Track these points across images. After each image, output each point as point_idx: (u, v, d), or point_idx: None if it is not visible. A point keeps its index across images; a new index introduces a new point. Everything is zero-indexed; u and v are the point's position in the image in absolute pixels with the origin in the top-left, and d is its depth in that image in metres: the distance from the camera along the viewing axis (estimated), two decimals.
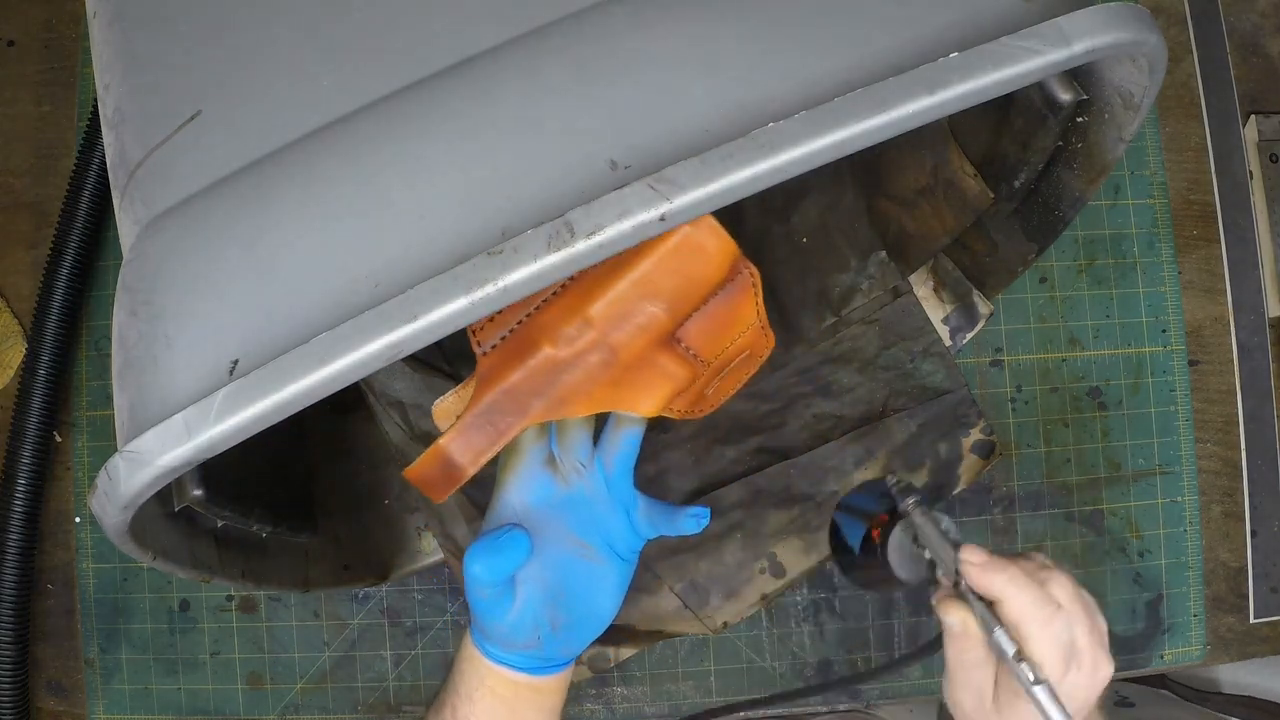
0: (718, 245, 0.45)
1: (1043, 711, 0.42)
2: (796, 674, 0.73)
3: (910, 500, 0.49)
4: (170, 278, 0.38)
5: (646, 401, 0.48)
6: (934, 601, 0.47)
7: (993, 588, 0.44)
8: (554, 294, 0.45)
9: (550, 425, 0.48)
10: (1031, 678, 0.42)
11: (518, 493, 0.48)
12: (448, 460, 0.46)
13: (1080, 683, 0.44)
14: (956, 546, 0.46)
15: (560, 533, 0.48)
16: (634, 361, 0.46)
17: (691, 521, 0.52)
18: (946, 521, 0.48)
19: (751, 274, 0.48)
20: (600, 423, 0.50)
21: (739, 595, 0.67)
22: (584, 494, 0.48)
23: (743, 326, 0.49)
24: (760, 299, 0.49)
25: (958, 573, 0.45)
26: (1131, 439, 0.75)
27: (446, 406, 0.47)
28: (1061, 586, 0.44)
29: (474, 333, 0.45)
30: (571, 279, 0.44)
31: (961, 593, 0.45)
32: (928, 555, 0.47)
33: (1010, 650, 0.43)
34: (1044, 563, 0.46)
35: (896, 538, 0.48)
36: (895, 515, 0.49)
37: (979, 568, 0.44)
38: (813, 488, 0.68)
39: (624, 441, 0.48)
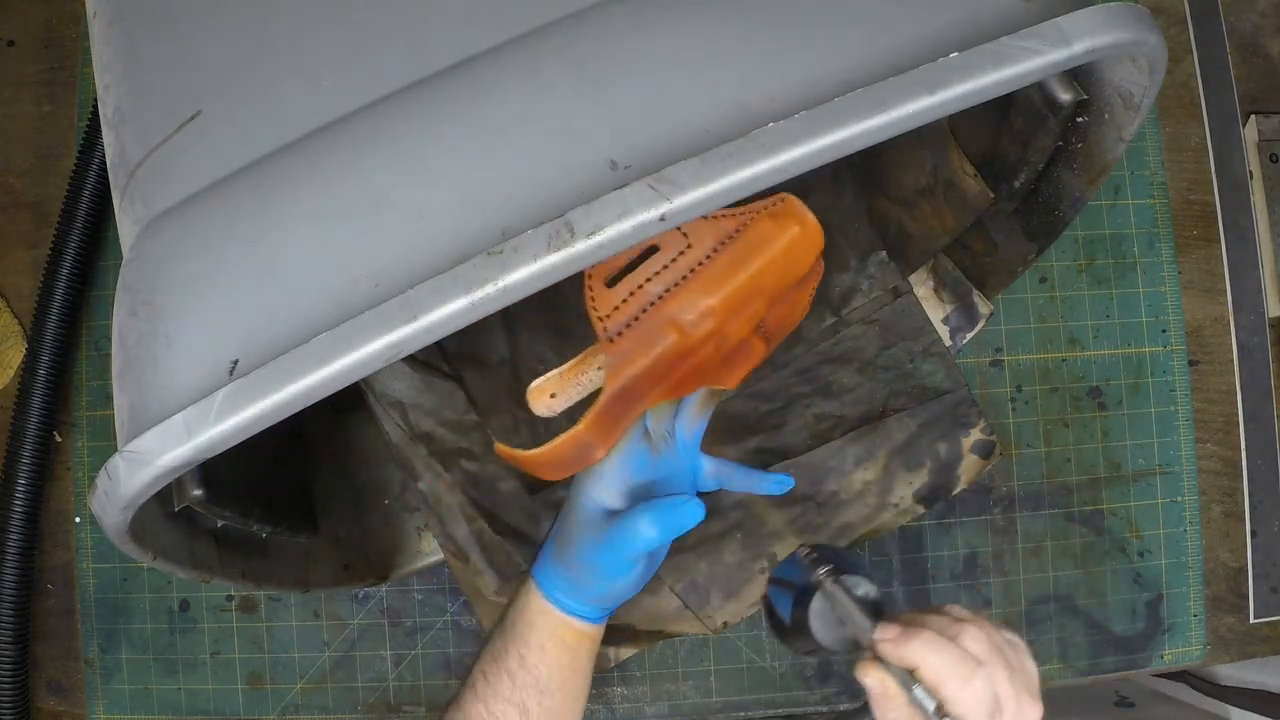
0: (816, 243, 0.51)
1: None
2: (796, 674, 0.73)
3: (821, 571, 0.49)
4: (170, 278, 0.38)
5: (735, 377, 0.53)
6: (855, 668, 0.47)
7: (909, 657, 0.44)
8: (676, 284, 0.49)
9: None
10: None
11: (623, 468, 0.53)
12: (585, 444, 0.50)
13: None
14: (873, 610, 0.47)
15: (651, 495, 0.53)
16: (735, 345, 0.51)
17: (774, 485, 0.59)
18: (865, 586, 0.49)
19: (821, 266, 0.54)
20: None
21: (739, 595, 0.67)
22: (667, 459, 0.55)
23: (805, 308, 0.55)
24: (816, 286, 0.55)
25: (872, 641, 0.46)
26: (1131, 439, 0.75)
27: (543, 386, 0.51)
28: (976, 640, 0.45)
29: (601, 321, 0.49)
30: (693, 270, 0.49)
31: (879, 656, 0.46)
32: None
33: (930, 706, 0.44)
34: (959, 615, 0.47)
35: (817, 607, 0.49)
36: (812, 586, 0.49)
37: (892, 643, 0.45)
38: (813, 488, 0.68)
39: (704, 414, 0.55)
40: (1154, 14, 0.60)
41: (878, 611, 0.48)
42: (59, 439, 0.73)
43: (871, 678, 0.46)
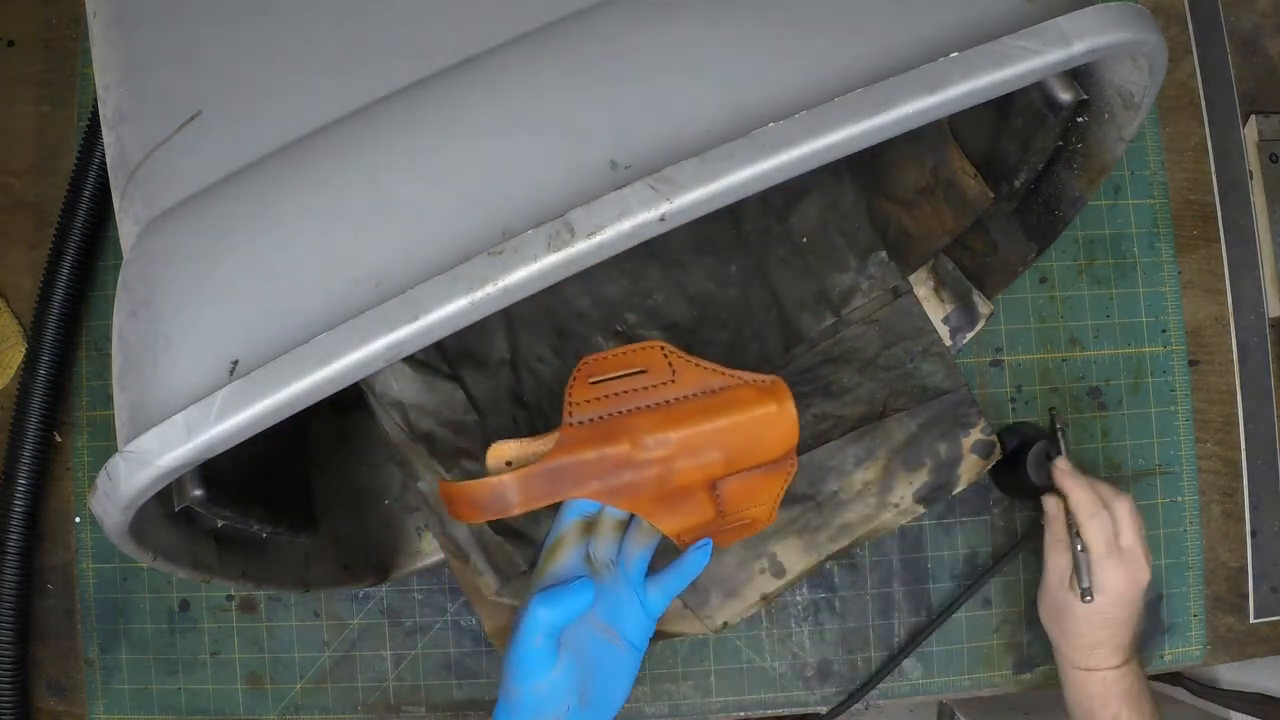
0: (789, 433, 0.55)
1: (1077, 564, 0.63)
2: (796, 674, 0.73)
3: (1058, 425, 0.71)
4: (170, 278, 0.38)
5: (671, 522, 0.55)
6: (1043, 498, 0.68)
7: (1063, 485, 0.65)
8: (648, 407, 0.53)
9: (589, 530, 0.55)
10: (1079, 546, 0.63)
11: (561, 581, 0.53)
12: (502, 495, 0.51)
13: (1120, 573, 0.62)
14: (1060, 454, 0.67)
15: (591, 618, 0.54)
16: (679, 488, 0.54)
17: (697, 557, 0.58)
18: (1064, 444, 0.69)
19: (792, 465, 0.57)
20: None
21: (739, 595, 0.67)
22: (609, 586, 0.54)
23: (765, 499, 0.57)
24: (785, 488, 0.58)
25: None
26: (1131, 439, 0.76)
27: (503, 451, 0.53)
28: (1121, 505, 0.63)
29: (570, 406, 0.52)
30: (668, 403, 0.53)
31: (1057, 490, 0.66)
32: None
33: (1073, 530, 0.64)
34: (1121, 493, 0.64)
35: (1035, 453, 0.68)
36: (1039, 437, 0.69)
37: (1060, 471, 0.66)
38: (813, 488, 0.68)
39: (643, 549, 0.56)
40: (1154, 14, 0.60)
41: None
42: (59, 439, 0.73)
43: (1050, 501, 0.67)
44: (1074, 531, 0.64)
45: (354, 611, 0.72)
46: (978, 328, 0.72)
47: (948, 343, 0.71)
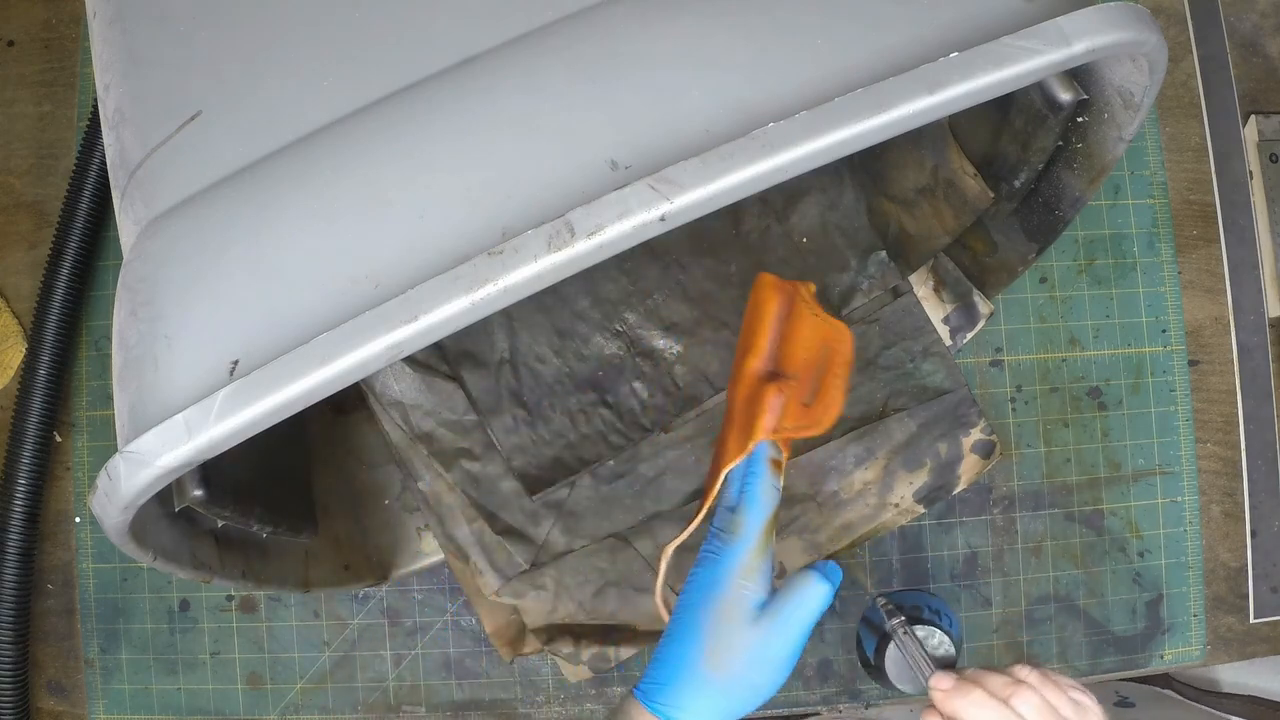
0: (765, 285, 0.54)
1: None
2: (796, 674, 0.73)
3: (894, 622, 0.53)
4: (170, 278, 0.38)
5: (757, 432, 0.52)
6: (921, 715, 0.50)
7: (957, 712, 0.47)
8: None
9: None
10: None
11: (769, 556, 0.50)
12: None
13: None
14: (942, 662, 0.50)
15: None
16: (742, 409, 0.52)
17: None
18: (938, 637, 0.53)
19: (795, 288, 0.54)
20: None
21: None
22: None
23: (809, 332, 0.54)
24: (814, 305, 0.55)
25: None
26: (1131, 439, 0.75)
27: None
28: (1027, 703, 0.46)
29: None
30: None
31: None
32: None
33: None
34: (1022, 677, 0.48)
35: (892, 654, 0.54)
36: (888, 634, 0.53)
37: (944, 694, 0.48)
38: (813, 488, 0.68)
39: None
40: (1154, 14, 0.60)
41: (947, 664, 0.51)
42: (59, 439, 0.73)
43: None
44: None
45: (354, 611, 0.72)
46: (978, 328, 0.72)
47: (948, 343, 0.71)
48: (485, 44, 0.39)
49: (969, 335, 0.72)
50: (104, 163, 0.58)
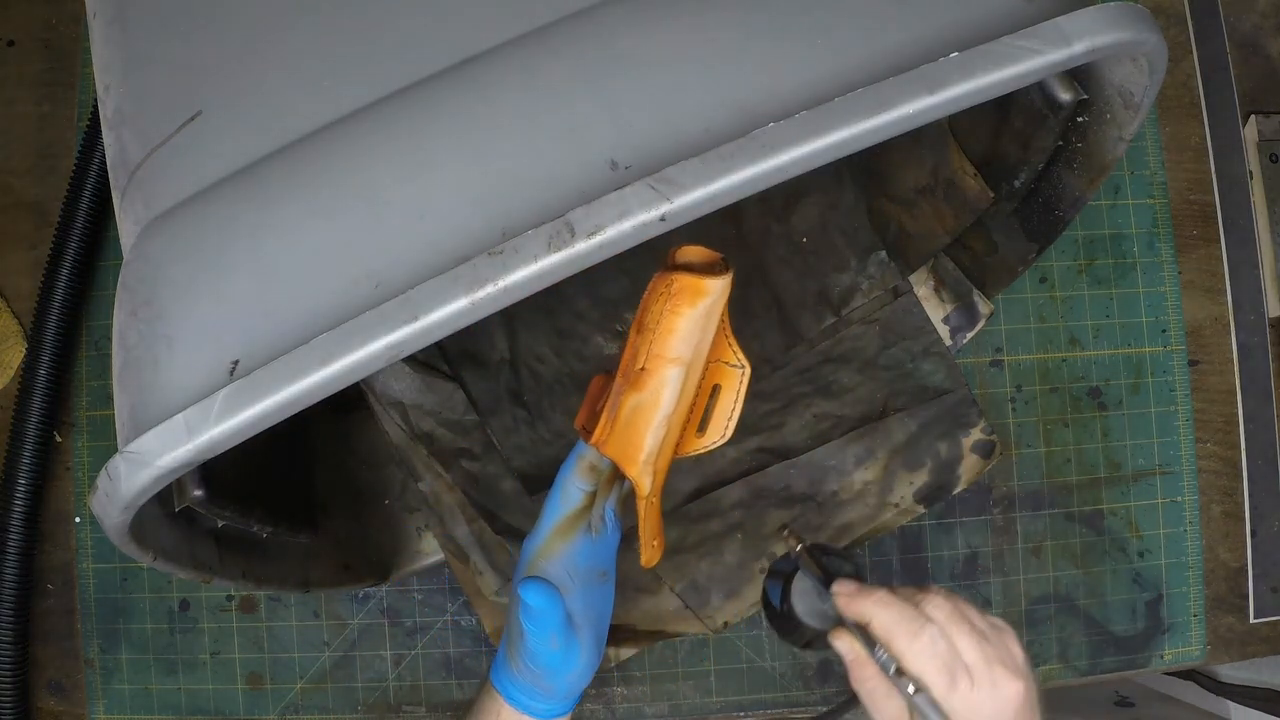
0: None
1: (918, 713, 0.44)
2: (796, 674, 0.73)
3: (799, 548, 0.51)
4: (171, 278, 0.38)
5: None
6: (832, 639, 0.49)
7: (861, 612, 0.46)
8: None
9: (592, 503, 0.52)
10: (911, 690, 0.44)
11: (569, 557, 0.51)
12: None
13: (979, 699, 0.44)
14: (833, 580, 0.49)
15: (590, 573, 0.52)
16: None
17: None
18: (844, 564, 0.51)
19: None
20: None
21: (739, 595, 0.67)
22: (604, 542, 0.52)
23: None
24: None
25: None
26: (1131, 439, 0.75)
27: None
28: (933, 604, 0.46)
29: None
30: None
31: (847, 624, 0.48)
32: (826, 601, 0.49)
33: (892, 666, 0.45)
34: (927, 588, 0.47)
35: (799, 585, 0.51)
36: (796, 566, 0.51)
37: (847, 597, 0.47)
38: (813, 488, 0.68)
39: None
40: (1154, 14, 0.60)
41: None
42: (59, 439, 0.73)
43: (842, 641, 0.48)
44: (895, 670, 0.45)
45: (354, 611, 0.72)
46: (978, 328, 0.72)
47: (948, 342, 0.71)
48: (485, 44, 0.39)
49: (969, 335, 0.72)
50: (104, 163, 0.58)
